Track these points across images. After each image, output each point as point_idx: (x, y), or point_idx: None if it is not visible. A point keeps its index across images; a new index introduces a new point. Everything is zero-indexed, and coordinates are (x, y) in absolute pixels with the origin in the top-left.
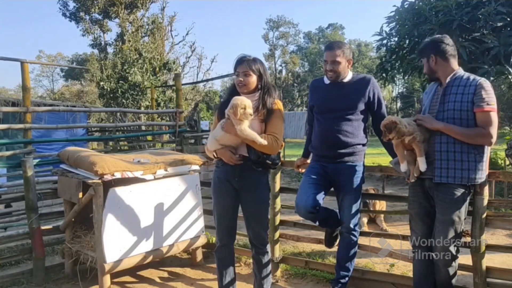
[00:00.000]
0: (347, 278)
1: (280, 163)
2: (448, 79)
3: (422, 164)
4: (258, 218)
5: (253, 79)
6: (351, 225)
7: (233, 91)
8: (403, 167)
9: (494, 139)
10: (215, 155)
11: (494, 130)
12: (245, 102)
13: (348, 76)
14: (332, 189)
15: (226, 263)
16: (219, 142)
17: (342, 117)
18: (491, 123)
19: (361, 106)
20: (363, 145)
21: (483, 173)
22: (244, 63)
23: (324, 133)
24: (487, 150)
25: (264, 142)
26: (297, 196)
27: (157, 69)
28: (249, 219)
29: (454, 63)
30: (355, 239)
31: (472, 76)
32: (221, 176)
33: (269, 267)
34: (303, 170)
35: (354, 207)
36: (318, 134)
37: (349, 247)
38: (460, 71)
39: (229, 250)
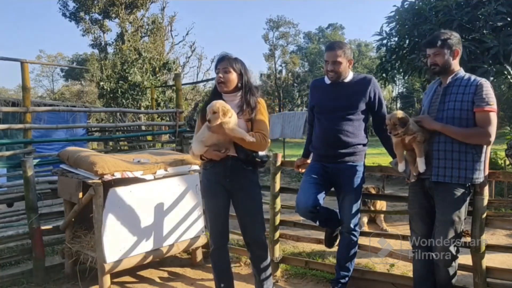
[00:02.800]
0: (347, 278)
1: (267, 161)
2: (449, 79)
3: (421, 165)
4: (252, 216)
5: (233, 77)
6: (352, 225)
7: (215, 92)
8: (401, 167)
9: (492, 139)
10: (203, 158)
11: (492, 130)
12: (213, 108)
13: (349, 76)
14: (332, 189)
15: (222, 266)
16: (205, 144)
17: (343, 117)
18: (490, 122)
19: (362, 106)
20: (364, 145)
21: (481, 173)
22: (225, 60)
23: (324, 133)
24: (486, 150)
25: (252, 139)
26: (297, 195)
27: (157, 69)
28: (243, 219)
29: (458, 63)
30: (355, 239)
31: (472, 77)
32: (211, 178)
33: (269, 270)
34: (303, 170)
35: (355, 207)
36: (319, 134)
37: (349, 247)
38: (461, 72)
39: (223, 253)
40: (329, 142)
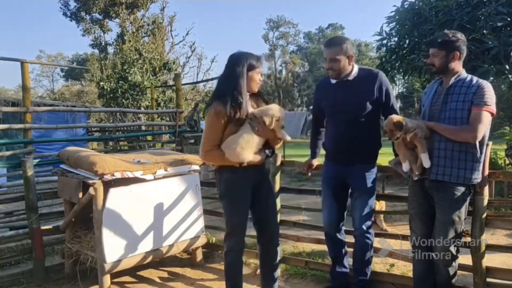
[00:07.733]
0: (365, 283)
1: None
2: (452, 80)
3: (425, 161)
4: (272, 211)
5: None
6: (364, 227)
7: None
8: (405, 166)
9: (478, 135)
10: (241, 164)
11: (480, 127)
12: (278, 114)
13: (353, 72)
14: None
15: (237, 268)
16: (245, 151)
17: (352, 120)
18: (480, 120)
19: (370, 106)
20: (375, 145)
21: (479, 173)
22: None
23: (336, 137)
24: (486, 150)
25: (288, 138)
26: (322, 213)
27: (157, 69)
28: (263, 213)
29: (461, 64)
30: (369, 242)
31: (475, 78)
32: (245, 179)
33: (278, 269)
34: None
35: (367, 209)
36: (330, 135)
37: (364, 250)
38: (463, 73)
39: (240, 255)
40: (339, 146)
